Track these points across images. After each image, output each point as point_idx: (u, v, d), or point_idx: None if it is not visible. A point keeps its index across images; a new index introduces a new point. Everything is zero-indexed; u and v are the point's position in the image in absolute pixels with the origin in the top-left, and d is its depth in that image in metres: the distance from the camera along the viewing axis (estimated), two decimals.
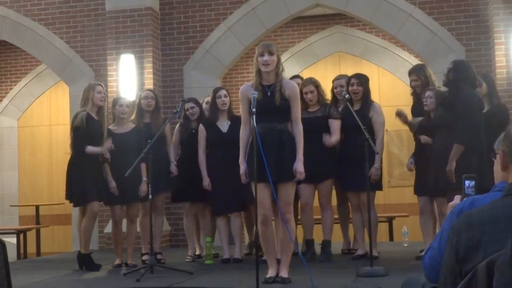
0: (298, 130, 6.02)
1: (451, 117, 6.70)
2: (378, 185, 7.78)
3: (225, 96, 8.05)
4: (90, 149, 7.57)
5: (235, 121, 7.51)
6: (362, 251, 7.75)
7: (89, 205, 7.60)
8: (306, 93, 7.68)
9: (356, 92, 7.72)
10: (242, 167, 6.05)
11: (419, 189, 7.59)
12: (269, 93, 5.99)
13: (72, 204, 8.02)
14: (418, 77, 7.79)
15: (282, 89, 5.99)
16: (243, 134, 6.12)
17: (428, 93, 7.47)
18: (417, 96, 7.86)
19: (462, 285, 2.39)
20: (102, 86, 7.91)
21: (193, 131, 8.23)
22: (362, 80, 7.83)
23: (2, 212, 14.80)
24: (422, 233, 7.69)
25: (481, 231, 2.43)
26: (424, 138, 7.38)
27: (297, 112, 6.07)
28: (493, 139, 3.08)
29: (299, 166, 5.93)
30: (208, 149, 8.05)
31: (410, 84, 7.91)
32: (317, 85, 7.78)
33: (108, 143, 7.71)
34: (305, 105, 7.60)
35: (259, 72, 6.04)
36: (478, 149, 6.51)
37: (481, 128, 6.65)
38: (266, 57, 5.96)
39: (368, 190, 6.64)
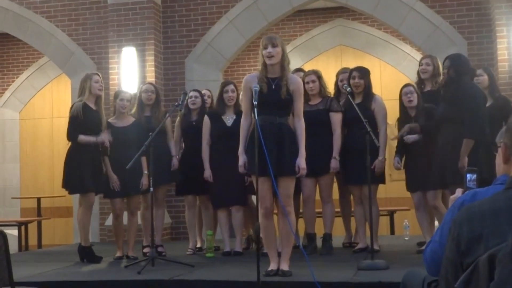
0: (300, 126, 6.00)
1: (456, 111, 6.68)
2: (381, 178, 7.77)
3: (232, 91, 8.05)
4: (82, 138, 7.56)
5: (241, 116, 7.50)
6: (363, 245, 7.75)
7: (85, 196, 7.62)
8: (307, 83, 7.68)
9: (357, 85, 7.71)
10: (241, 159, 6.03)
11: (411, 186, 7.60)
12: (273, 86, 5.95)
13: (68, 192, 8.01)
14: (432, 62, 7.78)
15: (288, 84, 5.97)
16: (244, 124, 6.09)
17: (409, 89, 7.48)
18: (420, 85, 7.82)
19: (464, 278, 2.39)
20: (99, 75, 7.90)
21: (193, 124, 8.24)
22: (363, 73, 7.82)
23: (3, 204, 14.82)
24: (421, 228, 7.70)
25: (482, 224, 2.43)
26: (408, 138, 7.39)
27: (299, 107, 6.05)
28: (497, 132, 3.07)
29: (301, 162, 5.91)
30: (211, 142, 8.05)
31: (420, 68, 7.83)
32: (319, 76, 7.78)
33: (106, 134, 7.68)
34: (306, 97, 7.60)
35: (264, 64, 6.02)
36: (484, 141, 6.49)
37: (486, 120, 6.64)
38: (270, 49, 5.92)
39: (370, 183, 6.63)
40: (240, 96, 7.11)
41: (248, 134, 6.03)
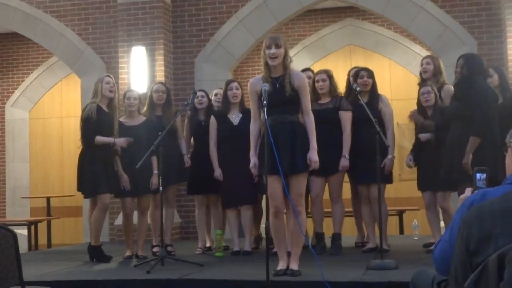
0: (310, 120, 5.99)
1: (466, 109, 6.67)
2: (389, 178, 7.76)
3: (237, 88, 8.07)
4: (99, 139, 7.56)
5: (247, 114, 7.50)
6: (373, 245, 7.75)
7: (99, 197, 7.62)
8: (317, 81, 7.71)
9: (366, 84, 7.71)
10: (253, 160, 6.04)
11: (422, 185, 7.59)
12: (277, 85, 5.95)
13: (83, 195, 8.02)
14: (432, 62, 7.84)
15: (291, 81, 5.97)
16: (253, 127, 6.09)
17: (426, 89, 7.46)
18: (423, 85, 7.87)
19: (473, 277, 2.39)
20: (111, 77, 7.91)
21: (202, 123, 8.25)
22: (371, 72, 7.83)
23: (13, 204, 14.85)
24: (431, 227, 7.68)
25: (492, 223, 2.43)
26: (423, 137, 7.40)
27: (307, 102, 6.04)
28: (506, 132, 3.07)
29: (313, 155, 5.89)
30: (219, 142, 8.05)
31: (421, 69, 7.89)
32: (330, 75, 7.78)
33: (126, 139, 7.68)
34: (316, 96, 7.61)
35: (267, 64, 6.01)
36: (493, 141, 6.48)
37: (496, 120, 6.62)
38: (273, 50, 5.91)
39: (380, 182, 6.61)
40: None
41: (258, 138, 6.03)
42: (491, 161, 6.20)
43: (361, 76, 7.76)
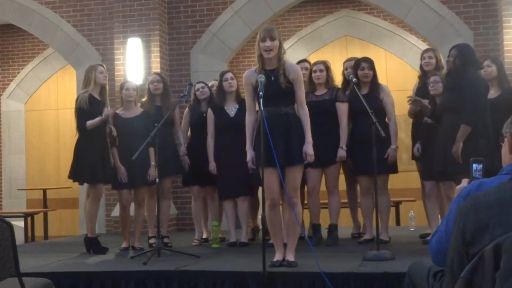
0: (304, 113, 5.99)
1: (457, 100, 6.67)
2: (393, 168, 7.75)
3: (232, 78, 8.07)
4: (89, 122, 7.56)
5: (243, 105, 7.51)
6: (370, 236, 7.74)
7: (95, 187, 7.62)
8: (315, 71, 7.70)
9: (367, 75, 7.69)
10: (249, 154, 6.03)
11: (426, 174, 7.58)
12: (272, 78, 5.93)
13: (78, 182, 7.98)
14: (434, 55, 7.85)
15: (286, 72, 5.95)
16: (249, 120, 6.08)
17: (434, 78, 7.43)
18: (423, 78, 7.87)
19: (469, 267, 2.40)
20: (103, 66, 7.94)
21: (204, 115, 8.23)
22: (372, 63, 7.81)
23: (10, 196, 14.85)
24: (428, 217, 7.68)
25: (488, 214, 2.43)
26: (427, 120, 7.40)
27: (301, 95, 6.03)
28: (502, 123, 3.07)
29: (308, 148, 5.90)
30: (216, 134, 8.05)
31: (423, 62, 7.88)
32: (327, 67, 7.79)
33: (109, 108, 7.67)
34: (312, 87, 7.60)
35: (261, 57, 5.99)
36: (485, 131, 6.48)
37: (487, 110, 6.62)
38: (268, 43, 5.89)
39: (376, 174, 6.61)
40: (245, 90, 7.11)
41: (254, 130, 6.01)
42: (485, 151, 6.20)
43: (362, 68, 7.74)
